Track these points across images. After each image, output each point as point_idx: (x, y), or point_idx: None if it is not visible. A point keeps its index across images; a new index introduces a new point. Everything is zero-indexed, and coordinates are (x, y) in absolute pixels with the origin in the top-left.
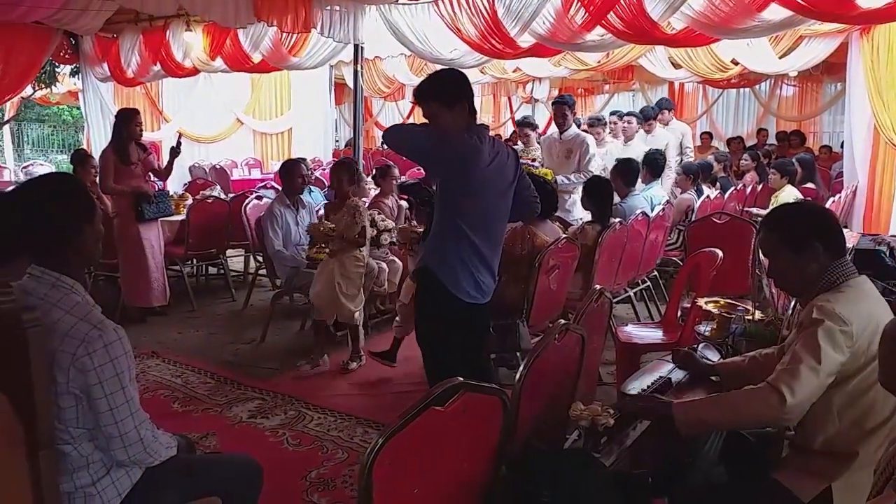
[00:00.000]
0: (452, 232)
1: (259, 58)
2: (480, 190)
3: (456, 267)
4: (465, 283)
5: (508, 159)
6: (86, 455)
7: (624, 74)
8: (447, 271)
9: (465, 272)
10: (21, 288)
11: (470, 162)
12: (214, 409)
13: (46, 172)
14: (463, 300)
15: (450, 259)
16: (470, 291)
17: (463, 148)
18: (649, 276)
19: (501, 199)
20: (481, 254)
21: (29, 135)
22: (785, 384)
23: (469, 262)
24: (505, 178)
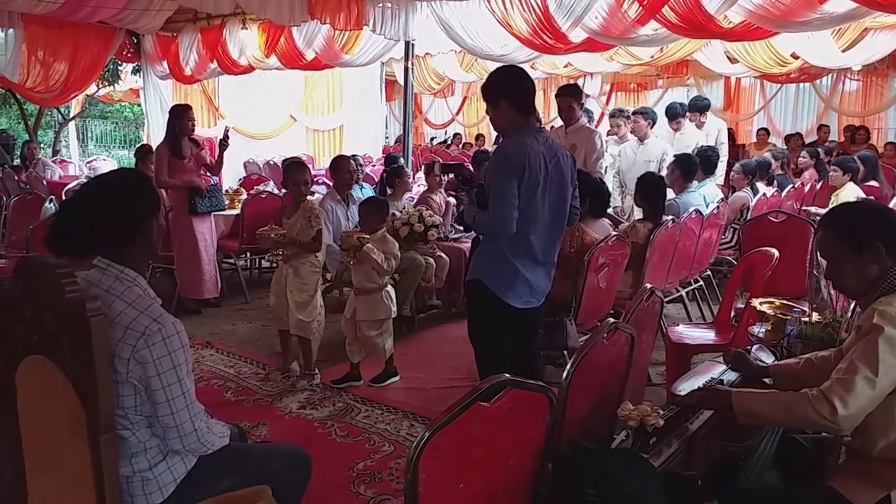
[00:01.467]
0: (508, 239)
1: (312, 55)
2: (541, 194)
3: (510, 275)
4: (520, 290)
5: (566, 160)
6: (143, 441)
7: (678, 69)
8: (500, 280)
9: (520, 279)
10: (86, 278)
11: (531, 167)
12: (265, 399)
13: (115, 168)
14: (517, 307)
15: (504, 268)
16: (524, 297)
17: (522, 154)
18: (702, 275)
19: (560, 201)
20: (538, 259)
21: (93, 131)
22: (837, 396)
23: (524, 269)
24: (563, 180)
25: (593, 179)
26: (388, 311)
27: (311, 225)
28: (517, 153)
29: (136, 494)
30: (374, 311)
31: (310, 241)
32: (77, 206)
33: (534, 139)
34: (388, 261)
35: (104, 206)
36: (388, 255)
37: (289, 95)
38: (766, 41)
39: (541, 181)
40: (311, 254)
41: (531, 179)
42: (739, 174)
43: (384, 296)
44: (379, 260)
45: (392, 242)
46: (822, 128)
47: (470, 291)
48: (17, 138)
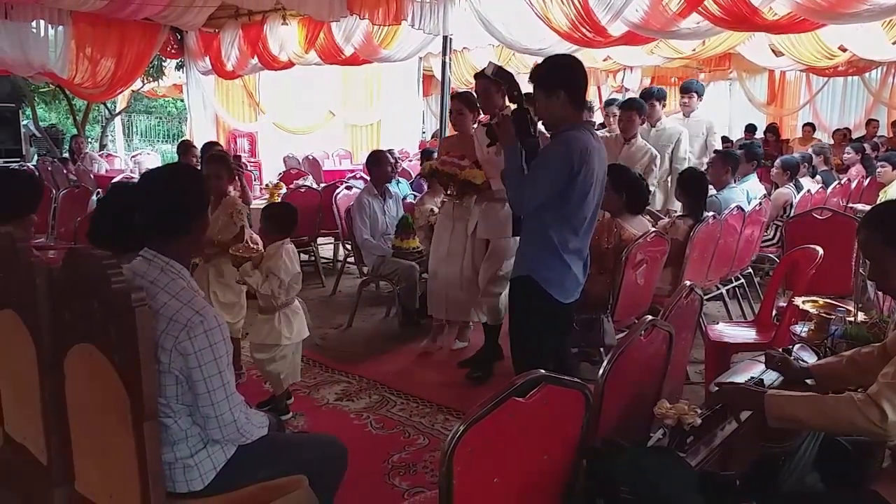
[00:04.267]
0: (561, 235)
1: (351, 50)
2: (593, 191)
3: (562, 271)
4: (569, 285)
5: (604, 156)
6: (185, 429)
7: (721, 62)
8: (551, 276)
9: (570, 275)
10: (132, 269)
11: (588, 164)
12: (303, 390)
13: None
14: (564, 302)
15: (556, 263)
16: (572, 293)
17: (585, 151)
18: (743, 273)
19: (601, 197)
20: (582, 254)
21: (138, 126)
22: (887, 400)
23: (573, 264)
24: (604, 176)
25: (632, 175)
26: (278, 337)
27: (234, 222)
28: (580, 149)
29: (177, 480)
30: (262, 335)
31: (231, 239)
32: (132, 199)
33: (591, 135)
34: (269, 282)
35: (160, 198)
36: (272, 274)
37: (327, 91)
38: (812, 33)
39: (594, 179)
40: None
41: (587, 177)
42: (779, 170)
43: (278, 319)
44: (253, 284)
45: (287, 260)
46: (871, 122)
47: (516, 287)
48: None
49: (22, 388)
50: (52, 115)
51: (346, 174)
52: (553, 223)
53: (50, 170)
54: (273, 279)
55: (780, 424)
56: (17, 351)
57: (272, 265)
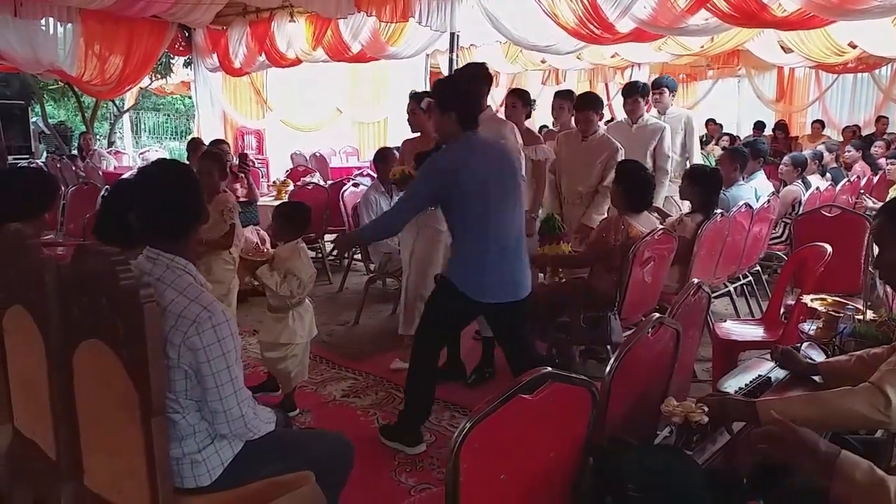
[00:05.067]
0: (468, 239)
1: (358, 48)
2: (481, 187)
3: (478, 272)
4: (490, 287)
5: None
6: (193, 424)
7: (729, 59)
8: (469, 280)
9: (488, 274)
10: (137, 267)
11: (467, 173)
12: (310, 386)
13: (162, 159)
14: (488, 302)
15: (473, 267)
16: (495, 293)
17: (457, 162)
18: (751, 270)
19: (508, 190)
20: (504, 251)
21: (146, 123)
22: (891, 385)
23: (490, 264)
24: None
25: (638, 172)
26: (291, 336)
27: (224, 220)
28: (451, 160)
29: (185, 476)
30: (275, 334)
31: (221, 237)
32: (132, 197)
33: (472, 144)
34: (288, 283)
35: (163, 197)
36: (291, 275)
37: (335, 88)
38: (822, 30)
39: (482, 178)
40: (224, 250)
41: (470, 178)
42: (789, 167)
43: (291, 318)
44: (272, 285)
45: (303, 260)
46: (881, 119)
47: (440, 285)
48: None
49: (31, 383)
50: (61, 113)
51: (353, 171)
52: (460, 228)
53: (59, 167)
54: (292, 280)
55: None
56: (26, 347)
57: (292, 266)
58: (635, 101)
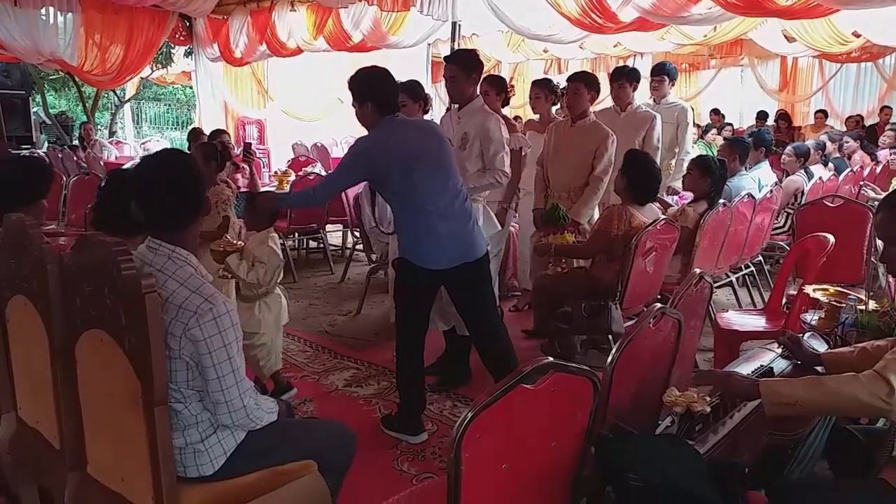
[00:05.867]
0: (407, 215)
1: (359, 37)
2: (408, 162)
3: (421, 241)
4: (432, 252)
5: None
6: (196, 414)
7: (732, 49)
8: (418, 250)
9: (436, 241)
10: (139, 257)
11: (391, 155)
12: (312, 376)
13: (164, 149)
14: (433, 268)
15: (413, 239)
16: (439, 259)
17: (370, 144)
18: (753, 261)
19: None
20: (441, 215)
21: (147, 113)
22: (894, 373)
23: (431, 232)
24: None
25: (641, 161)
26: (257, 325)
27: (217, 212)
28: (372, 144)
29: (188, 465)
30: (242, 322)
31: (216, 228)
32: (134, 187)
33: (394, 126)
34: (255, 270)
35: (165, 187)
36: (258, 262)
37: (336, 78)
38: (825, 19)
39: (408, 154)
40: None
41: (396, 156)
42: (791, 157)
43: (258, 308)
44: (241, 274)
45: (271, 247)
46: (885, 109)
47: (398, 268)
48: (76, 120)
49: (34, 373)
50: (62, 103)
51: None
52: (396, 205)
53: (60, 157)
54: (259, 267)
55: (779, 411)
56: (29, 336)
57: (259, 254)
58: (621, 86)
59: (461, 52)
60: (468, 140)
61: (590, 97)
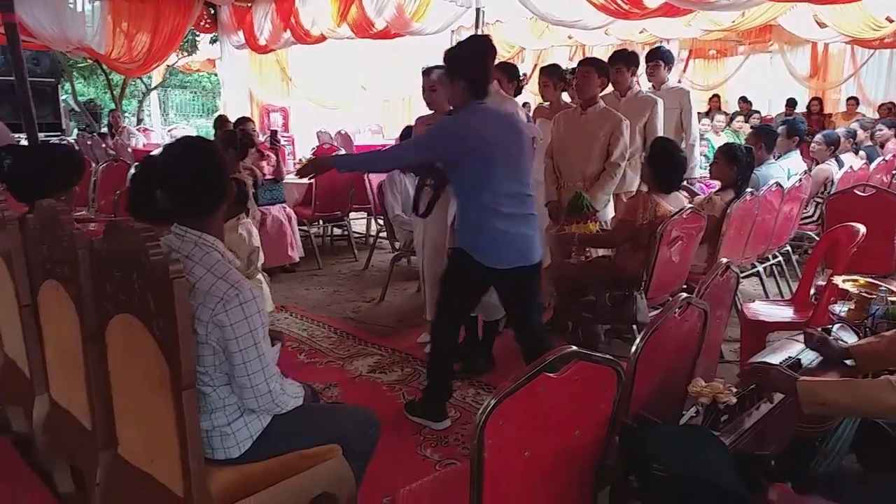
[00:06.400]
0: (473, 208)
1: (383, 24)
2: (492, 155)
3: (488, 238)
4: (493, 250)
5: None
6: (223, 398)
7: (761, 34)
8: (480, 246)
9: (492, 241)
10: (166, 244)
11: (480, 140)
12: (337, 361)
13: (187, 136)
14: (490, 266)
15: (476, 233)
16: (498, 258)
17: (457, 126)
18: (781, 251)
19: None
20: (515, 217)
21: (173, 100)
22: None
23: (504, 230)
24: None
25: (668, 149)
26: None
27: None
28: (460, 126)
29: (215, 448)
30: None
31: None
32: (159, 175)
33: (483, 112)
34: None
35: (189, 174)
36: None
37: (359, 65)
38: (858, 3)
39: (493, 146)
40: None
41: (479, 146)
42: (821, 145)
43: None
44: None
45: (241, 234)
46: None
47: (452, 256)
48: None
49: (66, 356)
50: (91, 90)
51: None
52: (467, 194)
53: (89, 144)
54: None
55: (814, 410)
56: (61, 321)
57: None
58: (619, 71)
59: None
60: None
61: (600, 82)
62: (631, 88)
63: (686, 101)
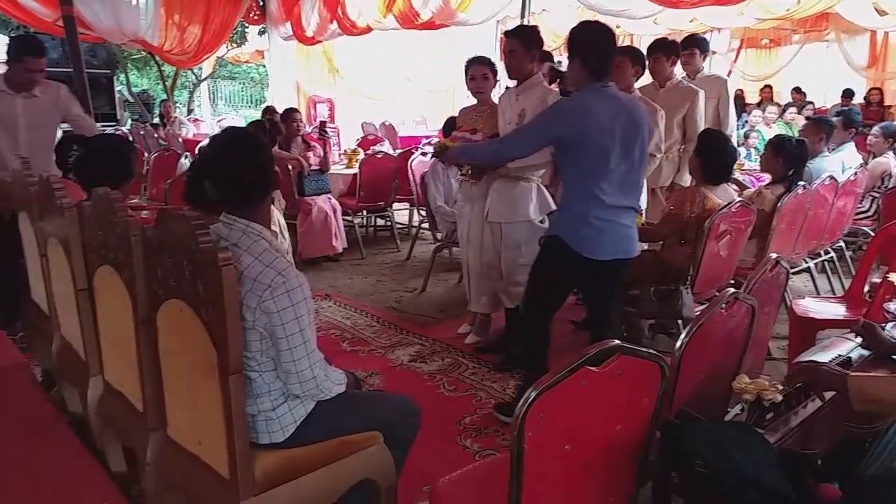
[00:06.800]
0: (583, 195)
1: (428, 14)
2: (607, 144)
3: (591, 227)
4: (594, 241)
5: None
6: (268, 383)
7: (817, 23)
8: (582, 235)
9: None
10: (215, 232)
11: (593, 123)
12: (378, 350)
13: (232, 126)
14: (589, 257)
15: (578, 222)
16: (597, 249)
17: (572, 108)
18: (834, 246)
19: (630, 146)
20: (619, 209)
21: (222, 91)
22: None
23: (607, 220)
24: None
25: (717, 140)
26: None
27: None
28: (574, 108)
29: (260, 432)
30: None
31: None
32: (214, 163)
33: (603, 95)
34: None
35: (234, 164)
36: None
37: (404, 56)
38: None
39: (607, 133)
40: None
41: (592, 133)
42: (879, 138)
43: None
44: None
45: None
46: None
47: (546, 244)
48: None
49: (119, 339)
50: (144, 81)
51: (422, 140)
52: (576, 179)
53: (142, 133)
54: None
55: (864, 408)
56: (114, 305)
57: None
58: (657, 60)
59: (522, 27)
60: (524, 117)
61: (634, 72)
62: (671, 79)
63: (723, 91)
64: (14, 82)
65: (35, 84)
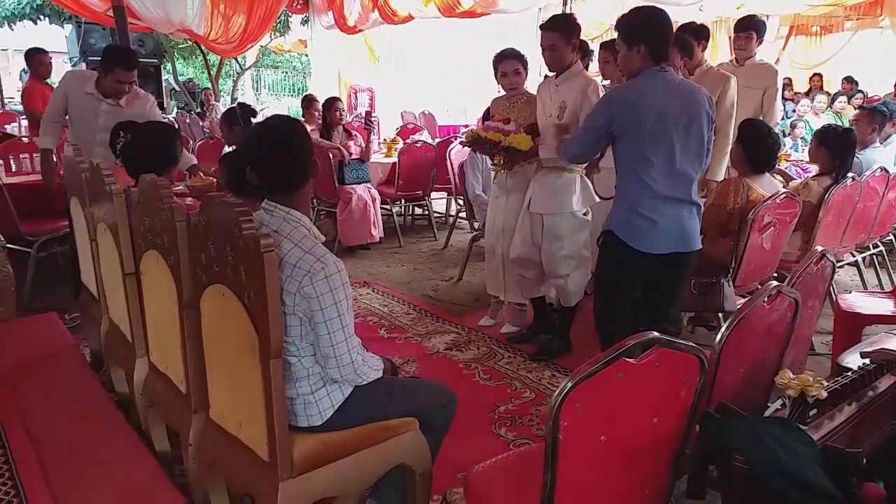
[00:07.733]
0: (634, 185)
1: (469, 3)
2: (661, 130)
3: (645, 220)
4: (659, 234)
5: (694, 94)
6: (307, 368)
7: (870, 9)
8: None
9: (657, 223)
10: (257, 219)
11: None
12: (415, 337)
13: (273, 115)
14: (647, 251)
15: (630, 215)
16: (653, 243)
17: (624, 96)
18: (883, 240)
19: (690, 136)
20: (676, 199)
21: (265, 80)
22: None
23: (661, 211)
24: (689, 122)
25: (759, 129)
26: None
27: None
28: (627, 95)
29: (299, 415)
30: None
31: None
32: (256, 150)
33: (660, 80)
34: None
35: (275, 152)
36: None
37: (443, 45)
38: None
39: (662, 120)
40: None
41: (646, 120)
42: None
43: None
44: None
45: None
46: None
47: (602, 243)
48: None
49: (164, 322)
50: (190, 70)
51: (461, 129)
52: (631, 169)
53: (188, 122)
54: None
55: None
56: (160, 288)
57: None
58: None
59: (558, 17)
60: (565, 108)
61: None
62: (701, 65)
63: (772, 82)
64: (104, 89)
65: (122, 94)
